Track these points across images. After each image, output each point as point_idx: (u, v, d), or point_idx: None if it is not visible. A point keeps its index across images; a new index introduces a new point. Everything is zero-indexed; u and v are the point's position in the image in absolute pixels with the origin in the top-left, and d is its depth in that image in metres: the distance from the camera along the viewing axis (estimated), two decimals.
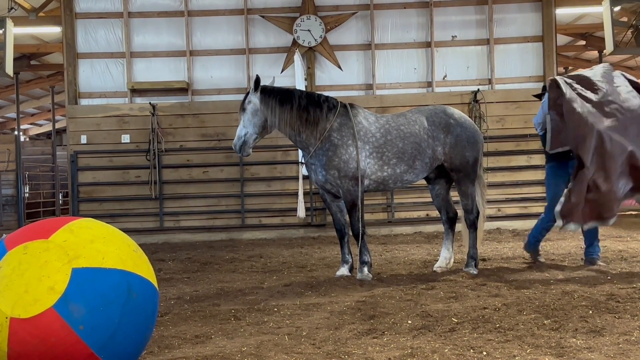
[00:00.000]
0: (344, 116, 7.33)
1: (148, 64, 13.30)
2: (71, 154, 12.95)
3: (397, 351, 4.24)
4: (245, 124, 7.28)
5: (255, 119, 7.27)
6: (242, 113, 7.32)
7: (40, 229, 3.69)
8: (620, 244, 9.55)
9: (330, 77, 13.28)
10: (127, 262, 3.63)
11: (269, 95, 7.29)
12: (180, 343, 4.75)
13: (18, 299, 3.33)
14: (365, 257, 7.36)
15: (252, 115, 7.26)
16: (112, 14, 13.23)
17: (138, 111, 12.98)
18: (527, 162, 13.08)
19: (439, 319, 5.09)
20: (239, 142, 7.29)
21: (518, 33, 13.36)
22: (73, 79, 13.14)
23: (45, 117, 29.61)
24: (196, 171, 12.94)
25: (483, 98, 12.84)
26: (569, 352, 4.08)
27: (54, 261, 3.44)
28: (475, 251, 7.64)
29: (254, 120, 7.27)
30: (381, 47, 13.31)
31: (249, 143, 7.31)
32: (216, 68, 13.35)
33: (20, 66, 18.06)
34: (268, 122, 7.32)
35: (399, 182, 7.54)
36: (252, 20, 13.29)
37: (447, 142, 7.49)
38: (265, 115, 7.27)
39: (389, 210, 13.06)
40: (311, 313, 5.60)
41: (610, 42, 12.72)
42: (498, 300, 5.76)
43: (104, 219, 4.13)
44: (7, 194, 17.58)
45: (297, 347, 4.46)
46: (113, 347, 3.46)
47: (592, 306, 5.32)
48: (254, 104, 7.26)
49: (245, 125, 7.27)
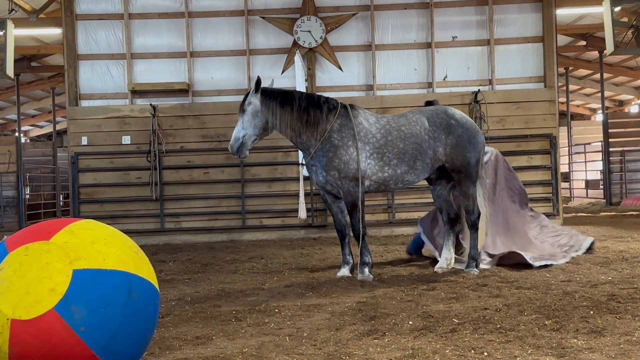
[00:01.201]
0: (344, 117, 7.33)
1: (148, 65, 13.30)
2: (72, 155, 12.95)
3: (398, 352, 4.24)
4: (244, 125, 7.24)
5: (255, 120, 7.25)
6: (241, 114, 7.27)
7: (42, 230, 3.69)
8: (621, 245, 9.54)
9: (331, 78, 13.28)
10: (128, 263, 3.64)
11: (270, 96, 7.28)
12: (181, 344, 4.75)
13: (19, 300, 3.33)
14: (366, 257, 7.36)
15: (253, 117, 7.24)
16: (112, 15, 13.23)
17: (139, 112, 12.99)
18: (528, 163, 13.07)
19: (440, 319, 5.09)
20: (236, 144, 7.24)
21: (518, 33, 13.35)
22: (74, 81, 13.14)
23: (46, 119, 29.67)
24: (197, 172, 12.94)
25: (483, 99, 12.83)
26: (570, 353, 4.08)
27: (55, 262, 3.44)
28: (476, 252, 7.65)
29: (254, 121, 7.25)
30: (381, 48, 13.31)
31: (247, 145, 7.27)
32: (217, 69, 13.35)
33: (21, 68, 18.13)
34: (269, 124, 7.30)
35: (400, 183, 7.53)
36: (253, 22, 13.29)
37: (448, 142, 7.49)
38: (266, 116, 7.25)
39: (390, 211, 13.06)
40: (312, 314, 5.61)
41: (611, 43, 12.73)
42: (499, 300, 5.76)
43: (104, 220, 4.13)
44: (8, 195, 17.59)
45: (298, 348, 4.46)
46: (114, 348, 3.46)
47: (593, 307, 5.32)
48: (254, 105, 7.24)
49: (245, 126, 7.24)
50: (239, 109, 7.31)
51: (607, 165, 19.08)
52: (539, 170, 13.11)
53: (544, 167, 13.10)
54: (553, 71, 13.19)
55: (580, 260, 8.10)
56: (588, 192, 21.97)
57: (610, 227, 12.30)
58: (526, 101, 13.04)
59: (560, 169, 13.68)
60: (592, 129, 26.26)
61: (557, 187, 13.09)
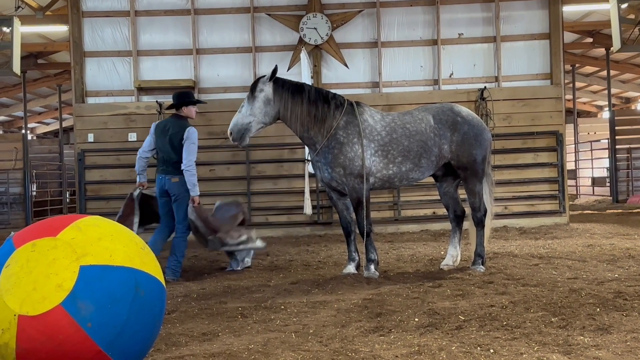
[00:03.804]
0: (350, 114, 7.31)
1: (155, 62, 13.32)
2: (78, 152, 12.98)
3: (404, 349, 4.24)
4: (254, 111, 7.11)
5: (267, 108, 7.14)
6: (251, 100, 7.14)
7: (49, 226, 3.69)
8: (627, 242, 9.52)
9: (337, 75, 13.26)
10: (135, 259, 3.64)
11: (282, 86, 7.22)
12: (187, 340, 4.76)
13: (26, 296, 3.34)
14: (372, 254, 7.36)
15: (265, 104, 7.13)
16: (118, 12, 13.25)
17: (145, 109, 13.01)
18: (534, 160, 13.05)
19: (446, 316, 5.09)
20: (239, 132, 7.10)
21: (525, 30, 13.31)
22: (80, 78, 13.16)
23: (52, 116, 29.72)
24: (202, 169, 12.93)
25: (490, 96, 12.81)
26: (576, 350, 4.07)
27: (62, 259, 3.45)
28: (482, 249, 7.64)
29: (266, 109, 7.14)
30: (387, 45, 13.30)
31: (251, 132, 7.16)
32: (222, 66, 13.35)
33: (27, 65, 18.17)
34: (280, 114, 7.25)
35: (405, 180, 7.52)
36: (259, 19, 13.29)
37: (454, 139, 7.47)
38: (279, 106, 7.20)
39: (396, 208, 13.05)
40: (318, 311, 5.61)
41: (618, 40, 12.68)
42: (505, 298, 5.75)
43: (111, 217, 4.14)
44: (15, 192, 17.63)
45: (304, 344, 4.46)
46: (121, 344, 3.47)
47: (599, 304, 5.30)
48: (266, 93, 7.14)
49: (254, 113, 7.11)
50: (249, 94, 7.16)
51: (613, 162, 19.03)
52: (545, 168, 13.08)
53: (550, 164, 13.07)
54: (560, 68, 13.15)
55: (586, 258, 8.08)
56: (594, 190, 21.92)
57: (617, 225, 12.27)
58: (532, 98, 13.01)
59: (567, 166, 13.63)
60: (598, 127, 26.22)
61: (564, 185, 13.05)
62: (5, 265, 3.48)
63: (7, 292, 3.37)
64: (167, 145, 7.67)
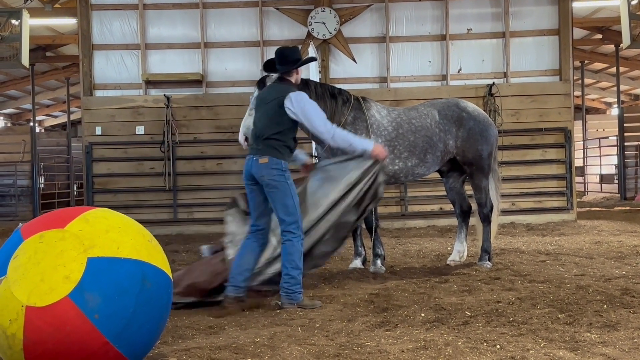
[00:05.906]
0: (357, 110, 7.29)
1: (163, 55, 13.32)
2: (86, 145, 13.01)
3: (410, 344, 4.24)
4: None
5: None
6: None
7: (57, 218, 3.70)
8: (635, 239, 9.49)
9: (345, 70, 13.24)
10: (142, 252, 3.65)
11: None
12: (193, 333, 4.78)
13: (34, 287, 3.35)
14: (379, 250, 7.35)
15: None
16: (127, 5, 13.25)
17: (152, 103, 13.02)
18: (542, 156, 13.00)
19: (452, 312, 5.08)
20: None
21: (534, 26, 13.25)
22: (88, 71, 13.18)
23: (60, 109, 29.78)
24: (210, 163, 12.97)
25: (498, 91, 12.76)
26: (583, 347, 4.06)
27: (69, 250, 3.45)
28: (489, 245, 7.62)
29: None
30: (396, 40, 13.26)
31: None
32: (230, 60, 13.35)
33: (35, 57, 18.18)
34: None
35: (410, 176, 7.51)
36: (267, 13, 13.27)
37: (460, 135, 7.45)
38: None
39: (403, 203, 13.03)
40: (324, 305, 5.61)
41: (627, 36, 12.63)
42: (512, 294, 5.74)
43: (118, 210, 4.14)
44: (23, 184, 17.69)
45: (310, 338, 4.47)
46: (128, 336, 3.48)
47: (606, 301, 5.29)
48: None
49: None
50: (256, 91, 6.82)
51: (622, 159, 18.94)
52: (553, 164, 13.04)
53: (558, 160, 13.02)
54: (569, 64, 13.10)
55: (594, 255, 8.06)
56: (602, 187, 21.83)
57: (625, 222, 12.23)
58: (541, 94, 12.96)
59: (575, 163, 13.59)
60: (607, 123, 26.08)
61: (572, 181, 13.01)
62: (14, 257, 3.49)
63: (14, 283, 3.38)
64: (263, 117, 6.30)
